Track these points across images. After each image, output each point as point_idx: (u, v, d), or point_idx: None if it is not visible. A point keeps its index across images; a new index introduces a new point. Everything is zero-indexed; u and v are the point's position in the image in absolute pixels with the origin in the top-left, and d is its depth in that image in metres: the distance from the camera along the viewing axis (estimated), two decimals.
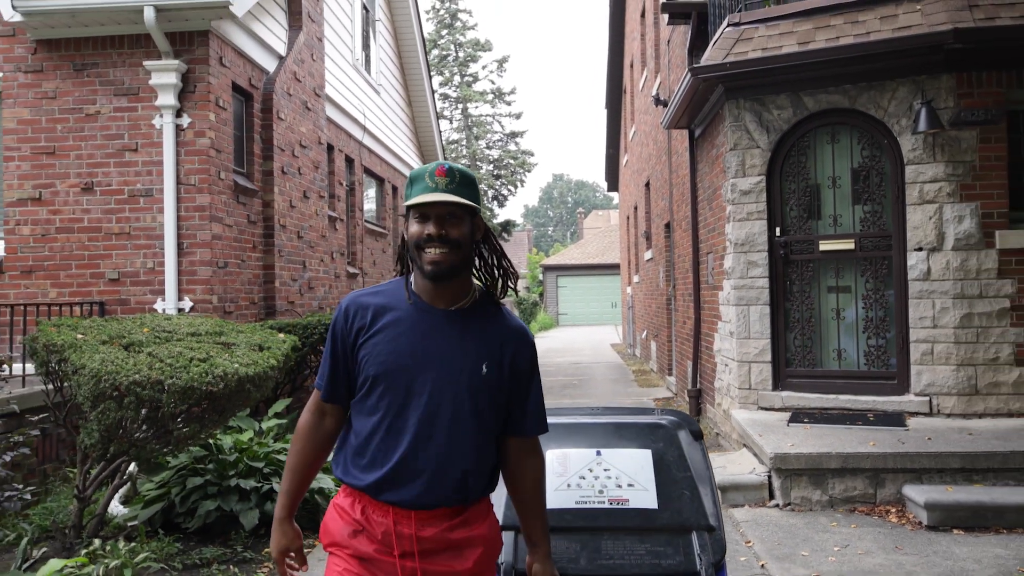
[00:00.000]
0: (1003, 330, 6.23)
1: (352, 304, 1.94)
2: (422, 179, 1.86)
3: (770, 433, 6.06)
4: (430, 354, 1.87)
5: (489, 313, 1.96)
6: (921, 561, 4.53)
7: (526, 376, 2.00)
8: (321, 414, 1.99)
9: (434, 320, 1.90)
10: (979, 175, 6.28)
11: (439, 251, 1.84)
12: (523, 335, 2.00)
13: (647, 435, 2.52)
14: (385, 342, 1.87)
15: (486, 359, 1.90)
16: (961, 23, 6.01)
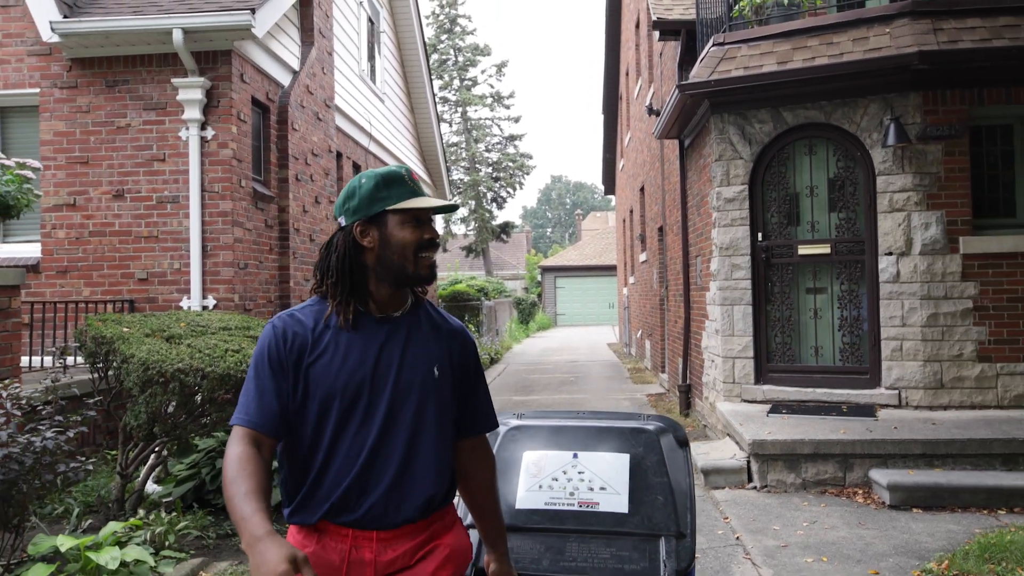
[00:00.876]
0: (966, 329, 6.76)
1: (287, 324, 1.79)
2: (402, 183, 1.79)
3: (750, 423, 6.58)
4: (384, 364, 1.78)
5: (426, 314, 1.91)
6: (880, 535, 5.05)
7: (472, 373, 1.96)
8: (256, 445, 1.70)
9: (379, 329, 1.81)
10: (944, 185, 6.81)
11: (433, 254, 1.83)
12: (463, 332, 1.97)
13: (628, 439, 2.45)
14: (335, 359, 1.76)
15: (436, 361, 1.85)
16: (926, 46, 6.53)
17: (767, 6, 7.65)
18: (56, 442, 4.22)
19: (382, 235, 1.77)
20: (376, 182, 1.78)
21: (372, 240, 1.79)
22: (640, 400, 11.09)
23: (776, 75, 7.05)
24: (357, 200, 1.79)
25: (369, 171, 1.83)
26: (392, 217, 1.76)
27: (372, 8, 12.96)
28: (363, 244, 1.79)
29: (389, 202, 1.76)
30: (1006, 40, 6.54)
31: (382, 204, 1.76)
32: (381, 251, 1.78)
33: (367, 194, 1.78)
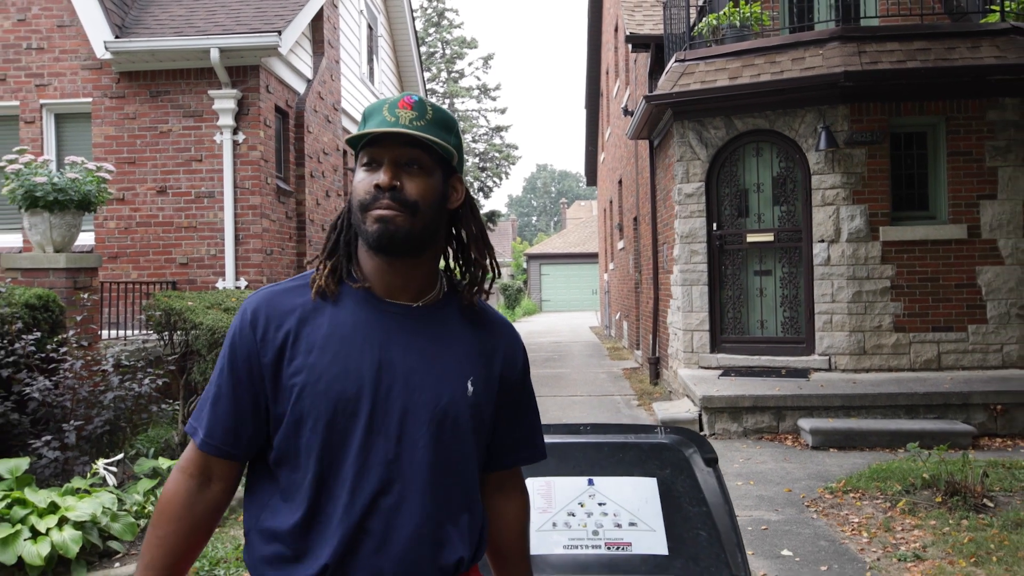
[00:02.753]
0: (884, 304, 8.02)
1: (263, 307, 1.33)
2: (378, 112, 1.33)
3: (703, 383, 7.83)
4: (394, 371, 1.30)
5: (465, 308, 1.42)
6: (799, 467, 6.31)
7: (518, 389, 1.47)
8: (205, 477, 1.32)
9: (393, 320, 1.33)
10: (867, 183, 8.05)
11: (390, 210, 1.29)
12: (513, 334, 1.48)
13: (650, 458, 2.07)
14: (323, 358, 1.28)
15: (471, 373, 1.36)
16: (851, 66, 7.76)
17: (723, 27, 8.84)
18: (149, 389, 5.42)
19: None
20: (364, 114, 1.36)
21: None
22: (616, 373, 12.34)
23: (728, 89, 8.26)
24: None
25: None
26: (358, 159, 1.35)
27: (371, 15, 14.07)
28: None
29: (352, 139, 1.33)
30: (918, 62, 7.78)
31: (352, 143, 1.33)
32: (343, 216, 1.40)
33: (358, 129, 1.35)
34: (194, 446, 1.34)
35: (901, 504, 5.23)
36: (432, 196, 1.33)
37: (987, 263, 7.92)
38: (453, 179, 1.39)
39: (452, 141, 1.35)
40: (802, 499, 5.52)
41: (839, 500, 5.46)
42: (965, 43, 7.91)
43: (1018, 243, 7.90)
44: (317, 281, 1.34)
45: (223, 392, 1.32)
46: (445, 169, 1.36)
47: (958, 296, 7.94)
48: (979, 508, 5.09)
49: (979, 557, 4.28)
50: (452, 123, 1.36)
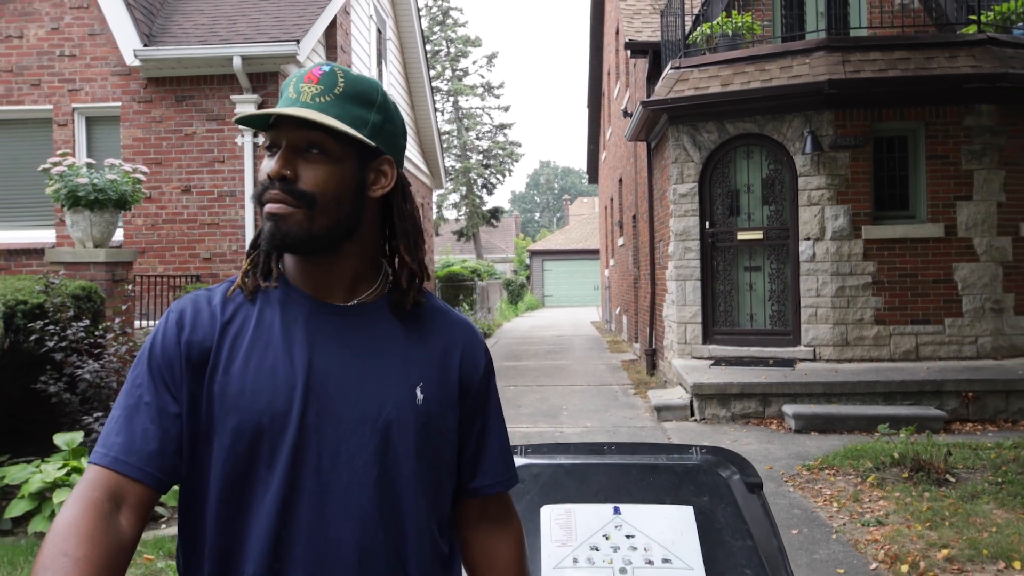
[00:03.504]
0: (866, 298, 8.52)
1: (188, 309, 1.17)
2: (286, 89, 1.17)
3: (695, 372, 8.34)
4: (326, 379, 1.12)
5: (413, 307, 1.24)
6: (781, 447, 6.82)
7: (482, 397, 1.28)
8: (114, 504, 1.04)
9: (325, 322, 1.17)
10: (851, 184, 8.55)
11: (281, 204, 1.12)
12: (472, 334, 1.30)
13: (685, 483, 1.87)
14: (245, 367, 1.12)
15: (420, 377, 1.18)
16: (835, 75, 8.25)
17: (716, 36, 9.33)
18: None
19: None
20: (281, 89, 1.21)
21: None
22: (615, 365, 12.85)
23: (720, 95, 8.76)
24: None
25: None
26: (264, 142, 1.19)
27: (380, 19, 14.57)
28: None
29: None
30: (899, 70, 8.27)
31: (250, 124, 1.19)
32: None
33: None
34: (100, 468, 1.05)
35: (871, 479, 5.74)
36: (337, 186, 1.14)
37: (963, 260, 8.42)
38: (378, 162, 1.19)
39: (372, 118, 1.17)
40: (781, 475, 6.03)
41: (815, 476, 5.97)
42: (943, 53, 8.40)
43: (992, 241, 8.39)
44: (236, 281, 1.19)
45: (141, 402, 1.10)
46: (363, 152, 1.17)
47: (935, 291, 8.44)
48: (941, 482, 5.59)
49: (934, 522, 4.79)
50: (371, 94, 1.17)
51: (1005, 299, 8.41)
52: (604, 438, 7.30)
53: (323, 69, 1.15)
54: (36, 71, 8.85)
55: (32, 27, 8.82)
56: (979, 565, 4.18)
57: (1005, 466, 5.89)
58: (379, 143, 1.19)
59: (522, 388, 10.54)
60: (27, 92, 8.83)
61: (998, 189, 8.40)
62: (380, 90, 1.20)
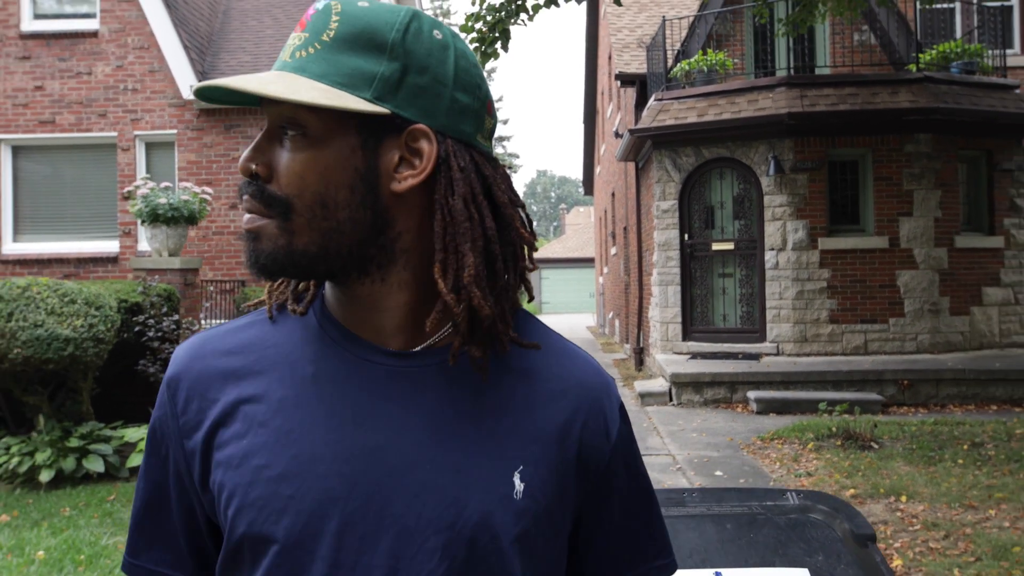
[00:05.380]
0: (822, 301, 9.86)
1: (186, 365, 0.84)
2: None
3: (674, 364, 9.67)
4: (380, 464, 0.78)
5: (506, 350, 0.83)
6: (742, 425, 8.14)
7: (616, 476, 0.88)
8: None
9: (379, 377, 0.81)
10: (808, 202, 9.90)
11: (251, 215, 0.80)
12: (598, 381, 0.88)
13: (792, 538, 1.57)
14: (265, 443, 0.79)
15: (520, 459, 0.81)
16: (794, 108, 9.61)
17: (694, 72, 10.69)
18: None
19: None
20: None
21: None
22: (607, 362, 14.18)
23: (696, 124, 10.11)
24: None
25: None
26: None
27: None
28: None
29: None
30: (848, 105, 9.63)
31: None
32: None
33: None
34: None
35: (810, 446, 7.07)
36: (319, 182, 0.77)
37: (905, 268, 9.76)
38: (403, 136, 0.78)
39: (382, 69, 0.76)
40: (739, 444, 7.35)
41: (766, 445, 7.30)
42: (887, 89, 9.76)
43: (930, 252, 9.74)
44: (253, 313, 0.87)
45: (147, 497, 0.85)
46: (372, 126, 0.77)
47: (881, 295, 9.78)
48: (866, 448, 6.92)
49: (850, 473, 6.12)
50: (382, 31, 0.77)
51: (941, 302, 9.76)
52: None
53: (316, 7, 0.79)
54: (103, 103, 10.19)
55: (100, 65, 10.16)
56: (876, 499, 5.51)
57: (921, 437, 7.23)
58: (399, 106, 0.77)
59: None
60: (95, 121, 10.17)
61: (935, 206, 9.76)
62: (400, 22, 0.77)
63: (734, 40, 11.74)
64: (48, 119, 10.16)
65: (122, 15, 10.14)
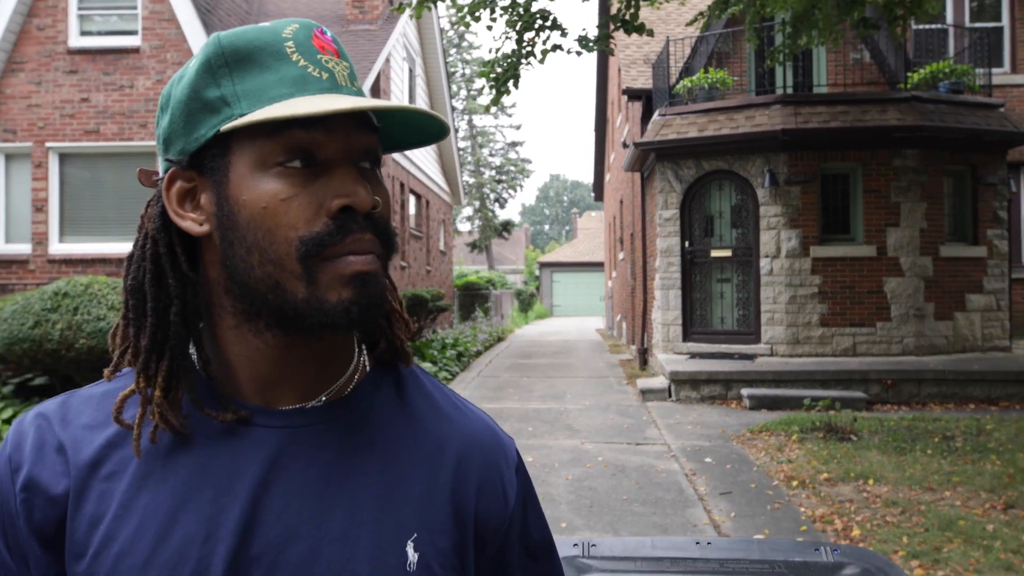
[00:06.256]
0: (814, 305, 10.49)
1: (30, 434, 0.73)
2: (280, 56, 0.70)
3: (673, 363, 10.33)
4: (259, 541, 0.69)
5: (402, 396, 0.80)
6: (735, 420, 8.79)
7: (513, 545, 0.81)
8: None
9: (275, 441, 0.72)
10: (801, 213, 10.54)
11: (370, 256, 0.70)
12: (494, 443, 0.82)
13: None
14: (127, 530, 0.69)
15: (415, 525, 0.73)
16: (788, 125, 10.25)
17: (696, 89, 11.35)
18: None
19: (222, 197, 0.70)
20: (207, 60, 0.71)
21: (206, 211, 0.72)
22: (613, 363, 14.84)
23: (697, 139, 10.77)
24: (169, 112, 0.73)
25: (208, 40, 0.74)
26: (243, 150, 0.69)
27: (410, 59, 16.67)
28: (182, 225, 0.73)
29: (239, 108, 0.68)
30: (839, 122, 10.27)
31: (217, 116, 0.70)
32: (224, 243, 0.71)
33: (187, 91, 0.71)
34: None
35: (794, 437, 7.72)
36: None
37: (892, 275, 10.39)
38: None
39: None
40: (730, 436, 8.01)
41: (754, 436, 7.95)
42: (876, 108, 10.39)
43: (916, 260, 10.36)
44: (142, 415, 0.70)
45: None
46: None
47: (869, 300, 10.41)
48: (845, 439, 7.56)
49: (827, 461, 6.77)
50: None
51: (926, 307, 10.38)
52: (599, 414, 9.28)
53: (328, 34, 0.73)
54: (143, 114, 10.94)
55: (141, 79, 10.92)
56: (846, 482, 6.16)
57: (898, 431, 7.86)
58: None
59: (533, 379, 12.53)
60: (136, 131, 10.93)
61: (920, 218, 10.39)
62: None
63: (735, 58, 12.39)
64: (93, 129, 10.92)
65: (162, 33, 10.90)
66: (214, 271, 0.73)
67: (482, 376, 13.05)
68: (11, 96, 11.03)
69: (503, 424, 8.72)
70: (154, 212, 0.77)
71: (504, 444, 0.84)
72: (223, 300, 0.74)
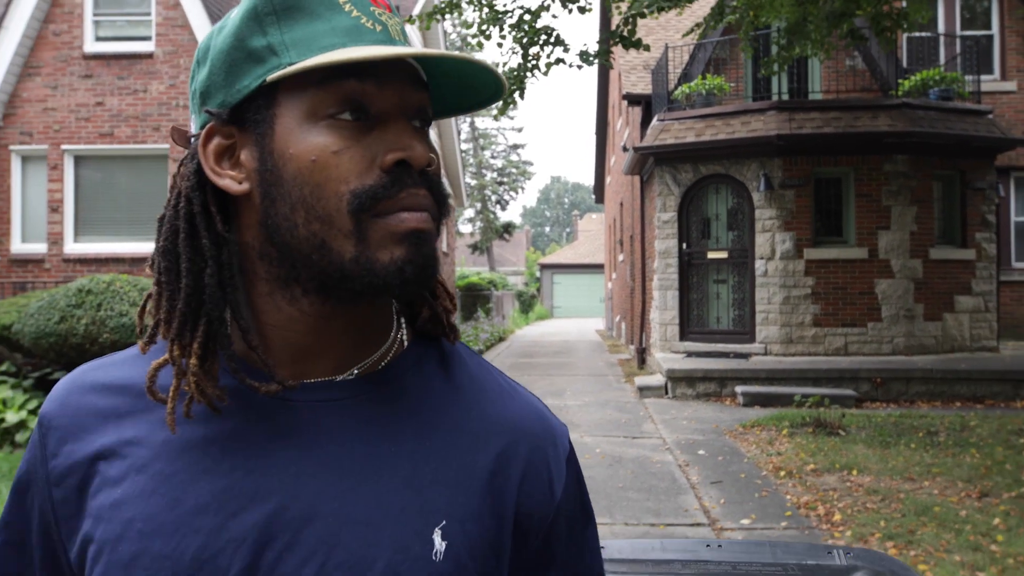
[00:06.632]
0: (807, 306, 10.81)
1: (61, 410, 0.74)
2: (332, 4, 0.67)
3: (670, 361, 10.64)
4: (275, 520, 0.67)
5: (441, 379, 0.77)
6: (729, 415, 9.10)
7: (558, 540, 0.76)
8: None
9: (309, 415, 0.71)
10: (795, 216, 10.85)
11: (426, 214, 0.69)
12: (542, 426, 0.78)
13: None
14: (144, 498, 0.68)
15: (441, 512, 0.70)
16: (783, 130, 10.57)
17: (693, 95, 11.67)
18: None
19: (265, 151, 0.68)
20: (253, 8, 0.68)
21: (246, 168, 0.69)
22: (612, 362, 15.16)
23: (695, 144, 11.09)
24: (208, 64, 0.70)
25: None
26: (291, 101, 0.67)
27: None
28: (219, 184, 0.70)
29: (288, 57, 0.66)
30: (832, 128, 10.58)
31: (263, 66, 0.67)
32: (266, 201, 0.68)
33: (230, 40, 0.68)
34: None
35: (784, 432, 8.03)
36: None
37: (882, 277, 10.70)
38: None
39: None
40: (723, 430, 8.32)
41: (746, 431, 8.26)
42: (868, 114, 10.71)
43: (906, 263, 10.67)
44: (177, 386, 0.69)
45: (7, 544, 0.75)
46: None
47: (861, 301, 10.72)
48: (833, 434, 7.87)
49: (814, 453, 7.08)
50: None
51: (916, 308, 10.69)
52: (598, 410, 9.60)
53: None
54: (156, 118, 11.27)
55: (154, 83, 11.25)
56: (831, 473, 6.47)
57: (885, 426, 8.17)
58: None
59: (535, 377, 12.85)
60: (149, 134, 11.26)
61: (911, 221, 10.70)
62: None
63: (732, 64, 12.71)
64: (107, 132, 11.24)
65: (175, 39, 11.23)
66: (249, 234, 0.71)
67: None
68: (28, 100, 11.36)
69: None
70: (188, 170, 0.71)
71: (555, 431, 0.78)
72: (256, 266, 0.71)
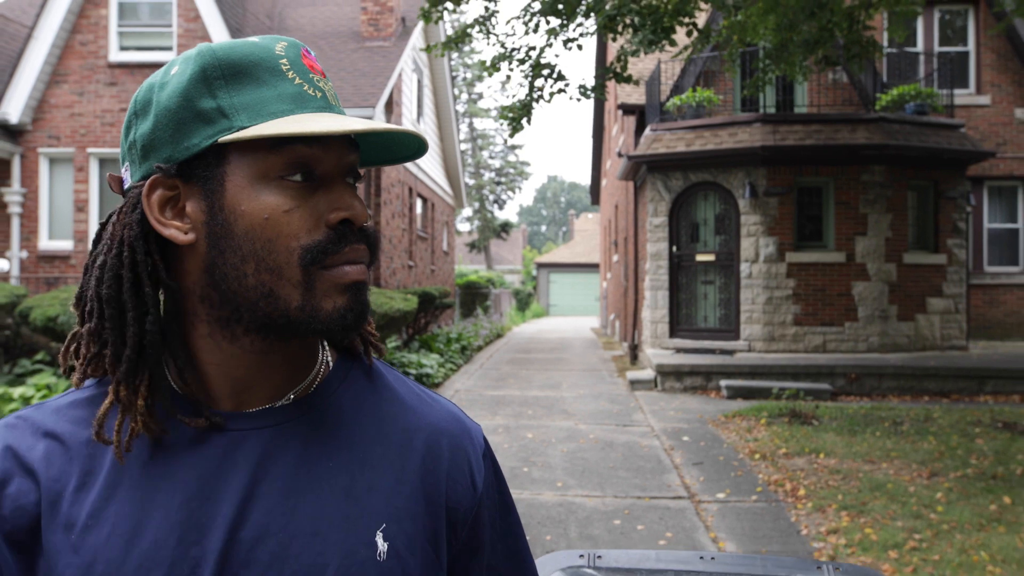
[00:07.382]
0: (788, 306, 11.54)
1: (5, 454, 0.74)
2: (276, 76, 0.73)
3: (660, 357, 11.36)
4: (232, 543, 0.72)
5: (366, 395, 0.84)
6: (713, 407, 9.83)
7: (485, 529, 0.84)
8: None
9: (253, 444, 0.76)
10: (778, 222, 11.58)
11: (363, 264, 0.77)
12: (464, 435, 0.85)
13: None
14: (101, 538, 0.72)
15: (382, 516, 0.77)
16: (766, 142, 11.29)
17: (684, 106, 12.38)
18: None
19: (216, 206, 0.72)
20: (201, 70, 0.72)
21: (192, 220, 0.74)
22: (605, 358, 15.88)
23: (685, 153, 11.81)
24: (152, 119, 0.74)
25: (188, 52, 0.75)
26: (242, 161, 0.72)
27: (419, 70, 17.67)
28: (165, 233, 0.74)
29: (239, 120, 0.71)
30: (813, 140, 11.31)
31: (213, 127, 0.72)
32: (214, 251, 0.73)
33: (177, 100, 0.72)
34: None
35: (762, 421, 8.76)
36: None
37: (859, 280, 11.43)
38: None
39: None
40: (706, 420, 9.04)
41: (728, 421, 8.98)
42: (847, 127, 11.44)
43: (881, 266, 11.41)
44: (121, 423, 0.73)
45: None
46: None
47: (839, 302, 11.45)
48: (807, 424, 8.60)
49: (787, 439, 7.80)
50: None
51: (890, 309, 11.43)
52: (592, 401, 10.31)
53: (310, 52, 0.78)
54: None
55: None
56: (801, 456, 7.20)
57: (855, 417, 8.90)
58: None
59: (532, 371, 13.57)
60: None
61: (886, 228, 11.43)
62: None
63: (722, 76, 13.43)
64: None
65: None
66: (190, 280, 0.75)
67: (484, 368, 14.08)
68: (55, 105, 12.02)
69: (505, 408, 9.77)
70: (131, 219, 0.74)
71: (470, 431, 0.86)
72: (197, 308, 0.75)
